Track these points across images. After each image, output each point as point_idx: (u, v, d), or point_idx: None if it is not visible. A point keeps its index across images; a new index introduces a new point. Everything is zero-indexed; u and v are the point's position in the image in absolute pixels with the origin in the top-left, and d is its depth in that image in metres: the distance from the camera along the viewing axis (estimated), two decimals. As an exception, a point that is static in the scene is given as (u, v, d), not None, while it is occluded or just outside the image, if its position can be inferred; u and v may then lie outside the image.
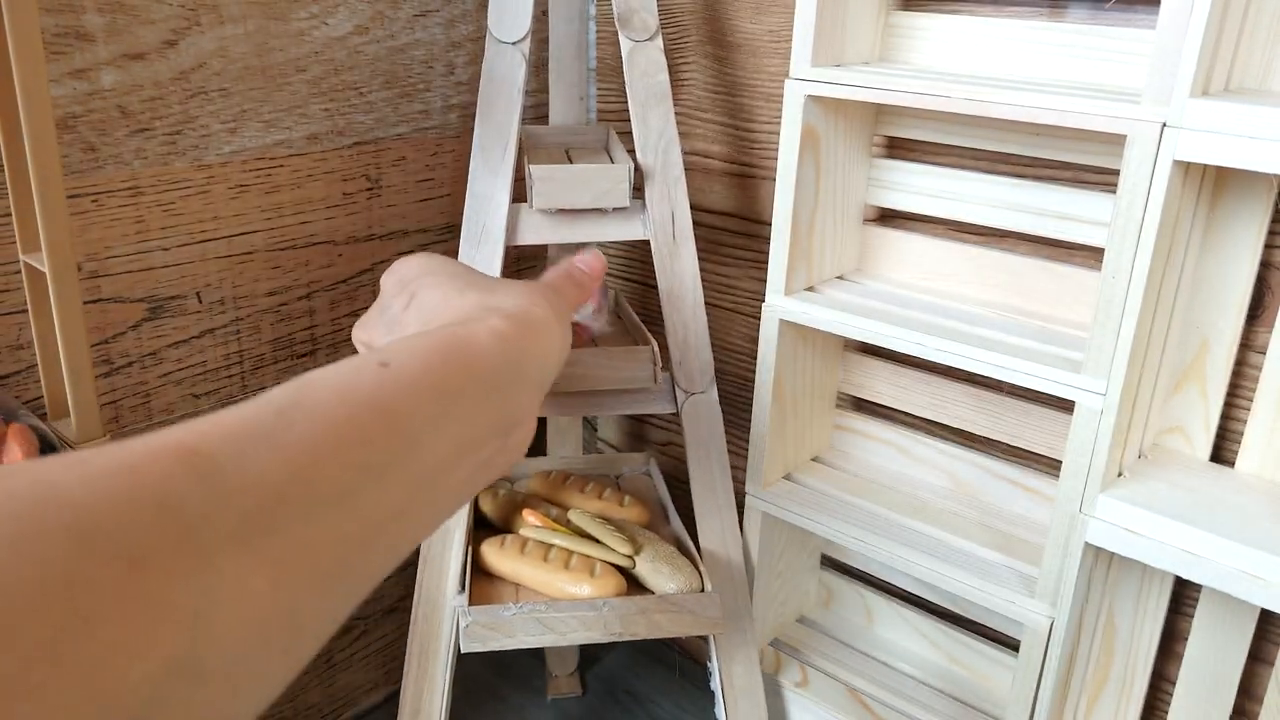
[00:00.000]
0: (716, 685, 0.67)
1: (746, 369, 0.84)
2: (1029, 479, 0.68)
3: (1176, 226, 0.52)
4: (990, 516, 0.68)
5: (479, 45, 0.80)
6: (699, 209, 0.82)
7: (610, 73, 0.86)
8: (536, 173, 0.63)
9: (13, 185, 0.52)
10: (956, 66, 0.64)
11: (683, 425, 0.68)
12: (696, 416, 0.68)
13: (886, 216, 0.72)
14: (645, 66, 0.65)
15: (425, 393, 0.31)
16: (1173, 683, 0.64)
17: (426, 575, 0.66)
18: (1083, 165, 0.62)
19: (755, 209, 0.79)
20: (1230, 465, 0.60)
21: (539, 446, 0.94)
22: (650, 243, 0.66)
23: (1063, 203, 0.62)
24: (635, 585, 0.64)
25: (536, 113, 0.86)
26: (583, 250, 0.47)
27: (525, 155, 0.68)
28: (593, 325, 0.65)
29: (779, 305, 0.66)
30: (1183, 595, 0.63)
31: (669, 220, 0.66)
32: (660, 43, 0.66)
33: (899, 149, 0.70)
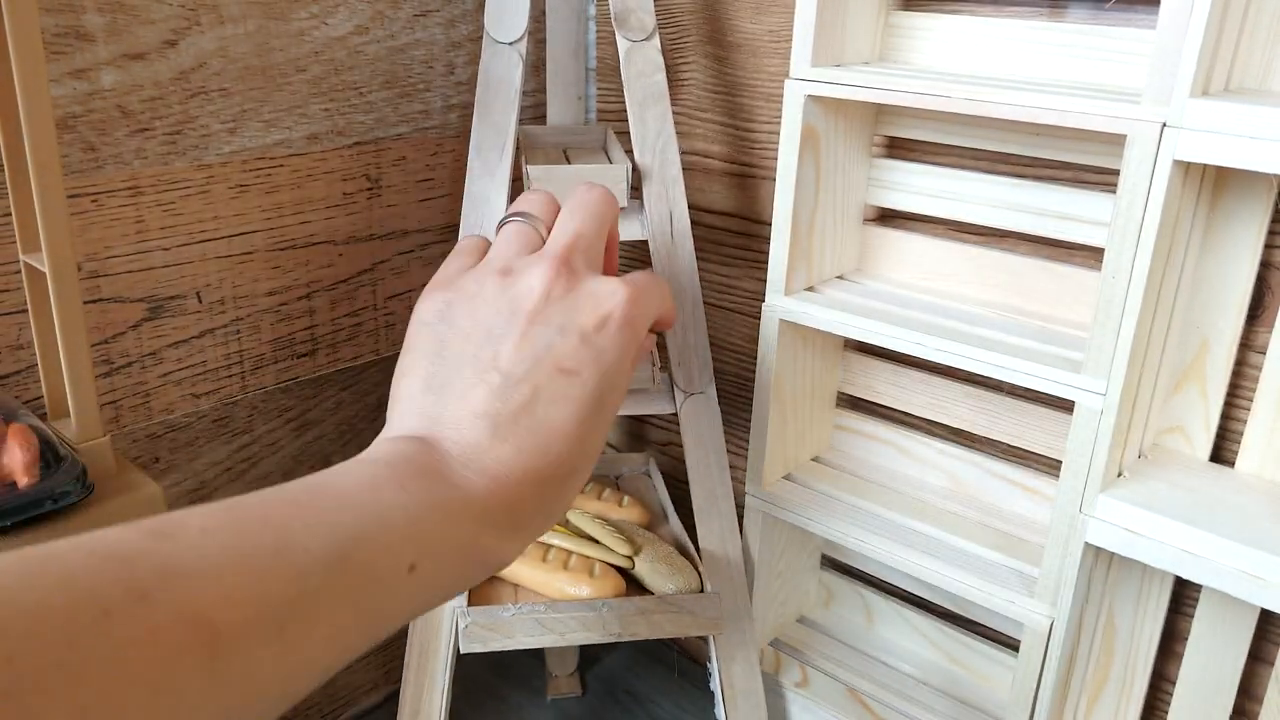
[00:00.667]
0: (716, 686, 0.67)
1: (746, 369, 0.84)
2: (1029, 479, 0.68)
3: (1176, 226, 0.52)
4: (990, 516, 0.68)
5: (479, 45, 0.80)
6: (699, 209, 0.82)
7: (610, 73, 0.86)
8: (533, 173, 0.63)
9: (13, 185, 0.52)
10: (956, 66, 0.64)
11: (681, 425, 0.68)
12: (695, 416, 0.68)
13: (886, 216, 0.72)
14: (642, 66, 0.65)
15: (422, 606, 0.33)
16: (1173, 683, 0.64)
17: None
18: (1083, 165, 0.62)
19: (755, 209, 0.79)
20: (1230, 465, 0.60)
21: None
22: (648, 243, 0.66)
23: (1063, 203, 0.62)
24: (634, 586, 0.64)
25: (535, 113, 0.86)
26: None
27: (523, 155, 0.68)
28: None
29: (779, 305, 0.66)
30: (1183, 595, 0.63)
31: (667, 220, 0.66)
32: (657, 42, 0.66)
33: (899, 149, 0.70)
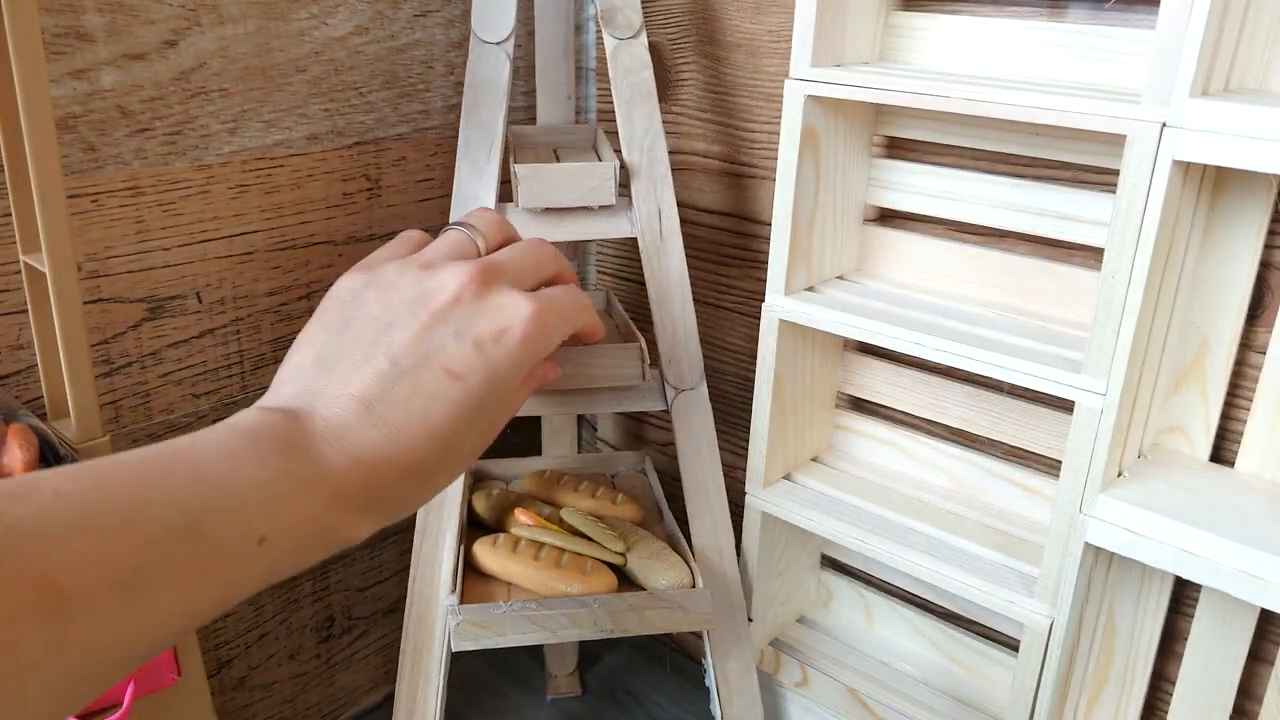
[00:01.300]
0: (711, 682, 0.67)
1: (746, 369, 0.84)
2: (1029, 479, 0.68)
3: (1176, 226, 0.52)
4: (990, 516, 0.68)
5: (479, 45, 0.80)
6: (698, 209, 0.82)
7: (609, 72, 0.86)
8: (521, 172, 0.63)
9: (13, 185, 0.52)
10: (956, 66, 0.64)
11: (673, 422, 0.68)
12: (687, 413, 0.68)
13: (886, 216, 0.72)
14: (629, 64, 0.65)
15: (275, 574, 0.34)
16: (1173, 683, 0.64)
17: (419, 575, 0.66)
18: (1083, 165, 0.62)
19: (755, 209, 0.79)
20: (1230, 465, 0.60)
21: (533, 446, 0.94)
22: (637, 240, 0.66)
23: (1063, 203, 0.62)
24: (627, 582, 0.64)
25: (528, 113, 0.86)
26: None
27: (512, 155, 0.68)
28: None
29: (779, 305, 0.66)
30: (1183, 595, 0.63)
31: (655, 218, 0.66)
32: (645, 40, 0.65)
33: (899, 149, 0.70)
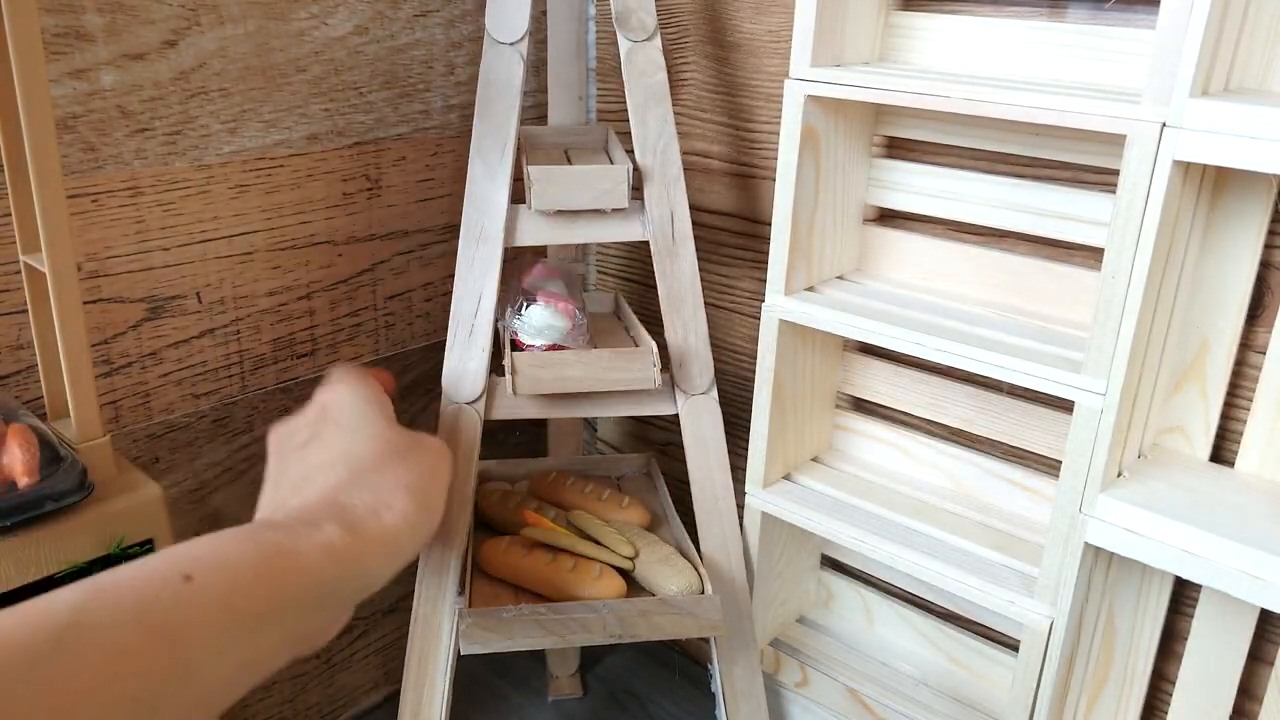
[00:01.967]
0: (717, 687, 0.67)
1: (746, 369, 0.84)
2: (1029, 479, 0.68)
3: (1176, 226, 0.52)
4: (990, 516, 0.68)
5: (479, 45, 0.80)
6: (699, 209, 0.82)
7: (610, 73, 0.86)
8: (535, 174, 0.63)
9: (13, 185, 0.52)
10: (956, 66, 0.64)
11: (682, 427, 0.68)
12: (697, 418, 0.68)
13: (886, 216, 0.72)
14: (643, 66, 0.65)
15: (220, 617, 0.30)
16: (1173, 683, 0.64)
17: (427, 577, 0.65)
18: (1083, 165, 0.62)
19: (755, 209, 0.79)
20: (1230, 465, 0.60)
21: (539, 448, 0.94)
22: (649, 244, 0.66)
23: (1063, 203, 0.62)
24: (635, 587, 0.64)
25: (536, 113, 0.86)
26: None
27: (524, 156, 0.68)
28: (570, 347, 0.65)
29: (779, 305, 0.66)
30: (1183, 595, 0.63)
31: (668, 221, 0.66)
32: (659, 42, 0.65)
33: (899, 149, 0.70)
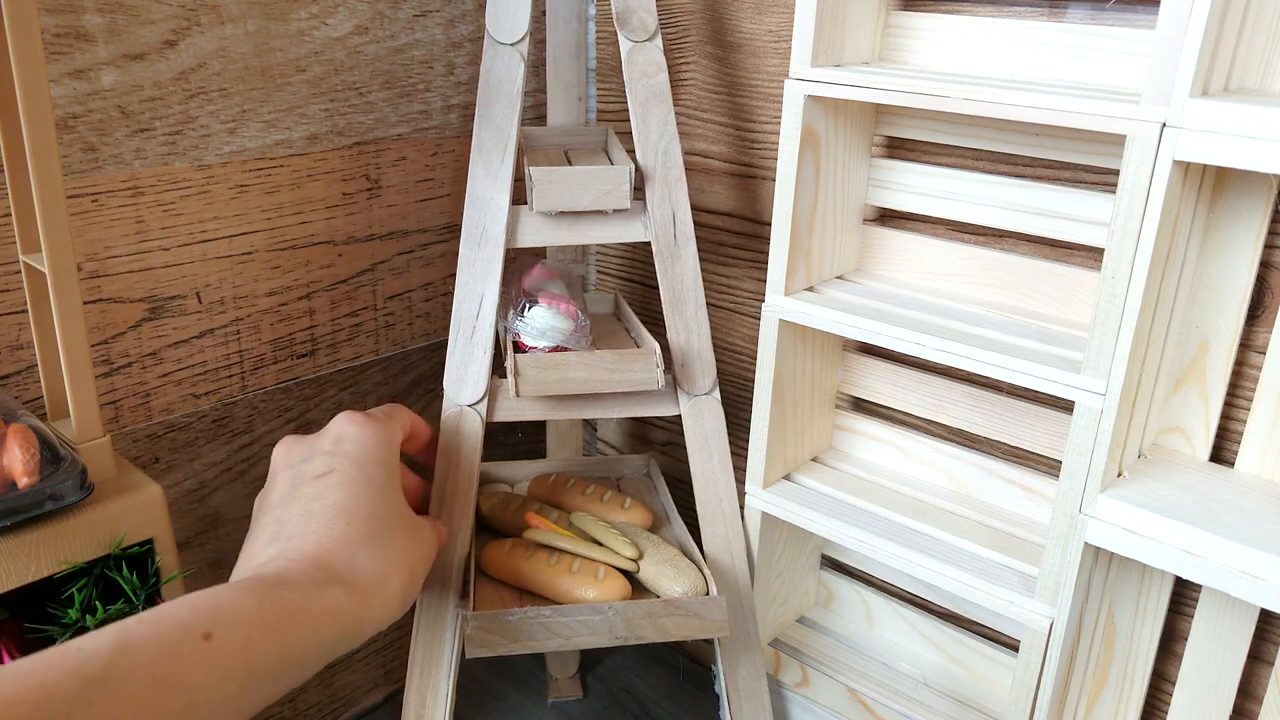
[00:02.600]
0: (721, 689, 0.67)
1: (747, 369, 0.84)
2: (1029, 479, 0.68)
3: (1176, 226, 0.52)
4: (990, 516, 0.68)
5: (479, 45, 0.80)
6: (699, 209, 0.82)
7: (610, 73, 0.86)
8: (536, 175, 0.63)
9: (13, 185, 0.52)
10: (956, 66, 0.64)
11: (685, 428, 0.68)
12: (700, 419, 0.68)
13: (886, 216, 0.72)
14: (644, 67, 0.65)
15: (233, 674, 0.34)
16: (1173, 683, 0.64)
17: (429, 581, 0.65)
18: (1083, 165, 0.62)
19: (756, 209, 0.79)
20: (1230, 465, 0.60)
21: (538, 449, 0.94)
22: (651, 245, 0.66)
23: (1063, 203, 0.62)
24: (639, 589, 0.63)
25: (535, 113, 0.86)
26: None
27: (524, 157, 0.68)
28: (572, 349, 0.65)
29: (779, 305, 0.66)
30: (1183, 595, 0.63)
31: (670, 221, 0.66)
32: (660, 43, 0.65)
33: (899, 149, 0.70)
